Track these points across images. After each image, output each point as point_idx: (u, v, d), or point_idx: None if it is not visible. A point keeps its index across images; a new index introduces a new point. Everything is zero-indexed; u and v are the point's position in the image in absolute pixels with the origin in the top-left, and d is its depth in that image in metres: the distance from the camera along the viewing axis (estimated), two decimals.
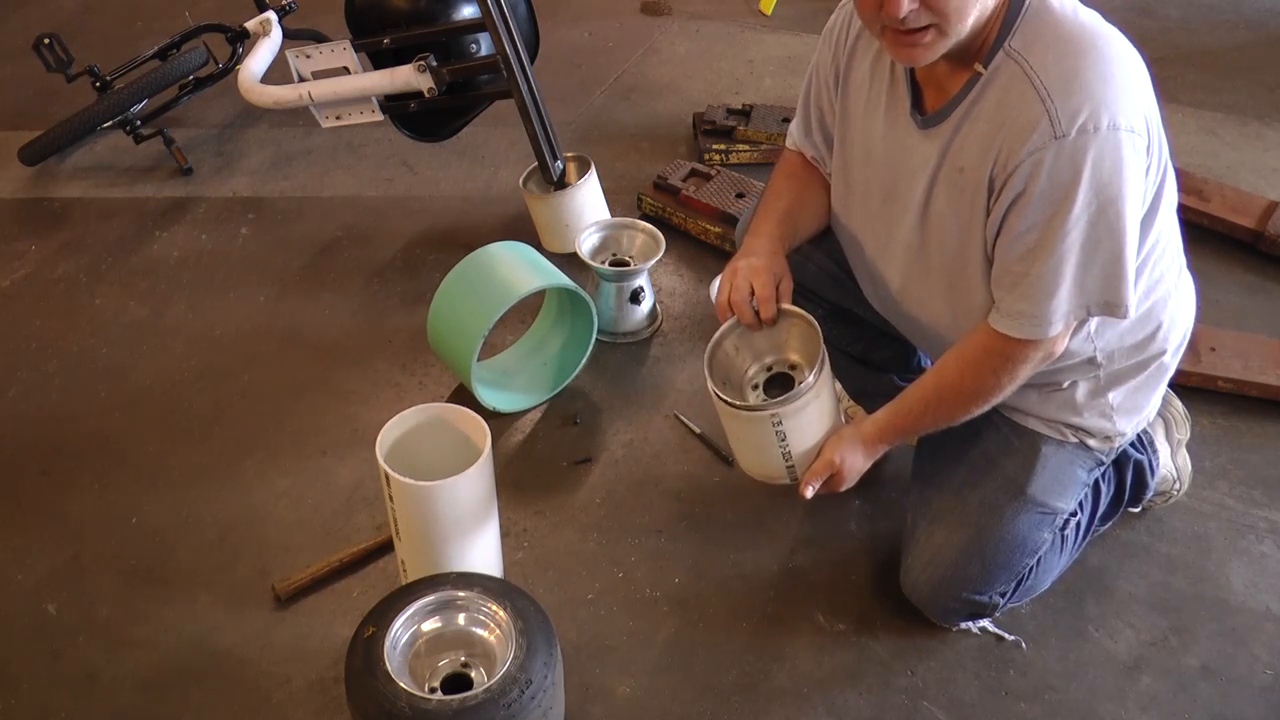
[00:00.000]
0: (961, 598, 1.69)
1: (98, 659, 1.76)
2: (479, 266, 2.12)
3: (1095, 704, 1.68)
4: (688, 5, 3.74)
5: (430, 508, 1.66)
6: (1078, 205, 1.36)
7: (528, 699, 1.42)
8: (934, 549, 1.69)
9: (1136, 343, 1.60)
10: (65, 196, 2.87)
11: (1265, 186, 2.79)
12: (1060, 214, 1.37)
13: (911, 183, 1.54)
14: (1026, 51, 1.38)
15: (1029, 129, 1.36)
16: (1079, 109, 1.33)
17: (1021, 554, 1.66)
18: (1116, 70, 1.36)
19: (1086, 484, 1.71)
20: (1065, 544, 1.74)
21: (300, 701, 1.69)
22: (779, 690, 1.70)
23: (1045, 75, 1.36)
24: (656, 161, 2.86)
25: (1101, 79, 1.34)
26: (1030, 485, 1.65)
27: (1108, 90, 1.34)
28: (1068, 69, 1.35)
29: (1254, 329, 2.32)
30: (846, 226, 1.72)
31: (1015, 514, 1.65)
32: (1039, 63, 1.37)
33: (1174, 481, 1.93)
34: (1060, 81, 1.35)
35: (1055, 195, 1.36)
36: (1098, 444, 1.67)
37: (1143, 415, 1.69)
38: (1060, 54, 1.36)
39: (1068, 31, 1.38)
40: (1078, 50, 1.36)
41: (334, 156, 3.00)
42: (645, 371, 2.30)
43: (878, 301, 1.76)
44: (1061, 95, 1.34)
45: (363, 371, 2.29)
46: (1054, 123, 1.34)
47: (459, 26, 2.53)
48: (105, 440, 2.14)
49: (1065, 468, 1.67)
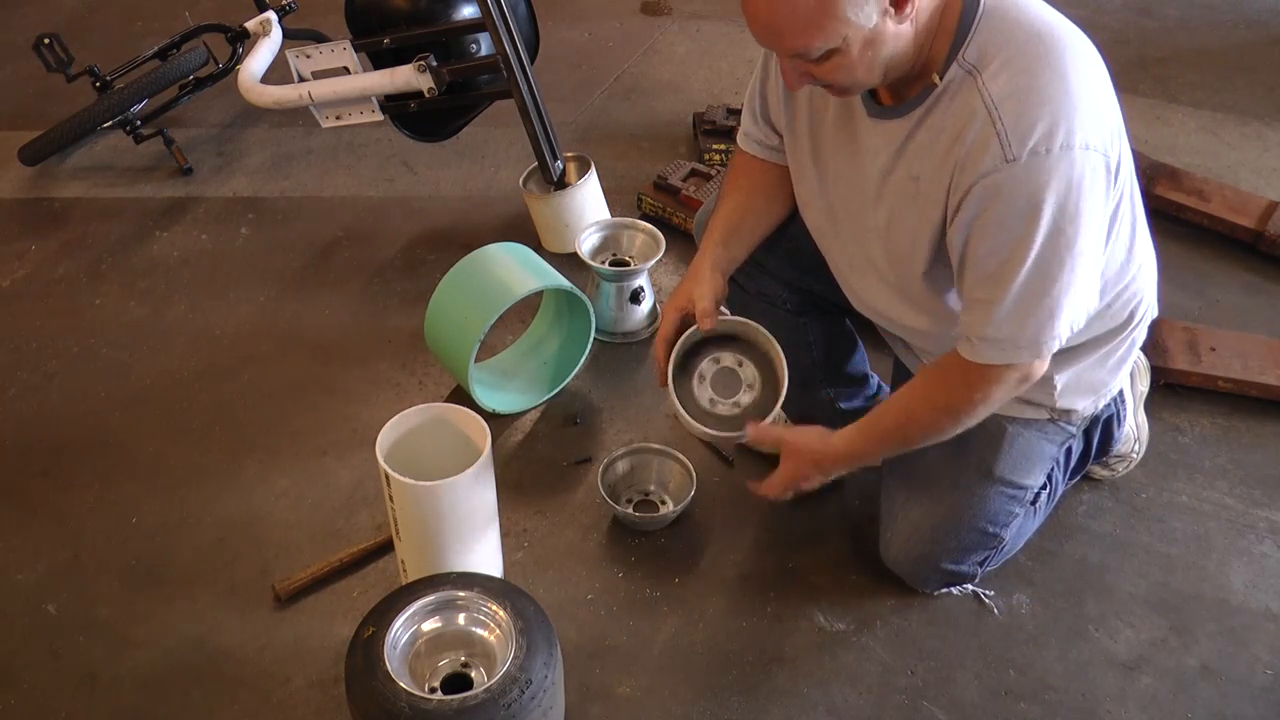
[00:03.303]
0: (940, 568, 1.76)
1: (98, 659, 1.76)
2: (475, 268, 2.12)
3: (1095, 704, 1.68)
4: (688, 5, 3.74)
5: (430, 508, 1.66)
6: (1037, 231, 1.32)
7: (528, 699, 1.42)
8: (910, 526, 1.74)
9: (1102, 332, 1.60)
10: (65, 196, 2.87)
11: (1265, 186, 2.79)
12: (1020, 240, 1.34)
13: (856, 172, 1.52)
14: (981, 63, 1.34)
15: (981, 151, 1.33)
16: (1030, 130, 1.30)
17: (994, 529, 1.72)
18: (1074, 82, 1.31)
19: (1055, 458, 1.72)
20: (1038, 510, 1.79)
21: (300, 701, 1.69)
22: (779, 690, 1.70)
23: (997, 92, 1.32)
24: (656, 161, 2.85)
25: (1057, 95, 1.30)
26: (998, 466, 1.67)
27: (1062, 107, 1.30)
28: (1021, 87, 1.31)
29: (1254, 329, 2.32)
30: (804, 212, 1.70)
31: (985, 493, 1.68)
32: (992, 77, 1.33)
33: (1134, 441, 1.94)
34: (1012, 100, 1.31)
35: (1013, 221, 1.33)
36: (1065, 421, 1.68)
37: (1109, 390, 1.68)
38: (1016, 69, 1.32)
39: (1025, 40, 1.33)
40: (1034, 62, 1.32)
41: (334, 156, 3.00)
42: (645, 371, 2.30)
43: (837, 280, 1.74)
44: (1012, 116, 1.30)
45: (363, 371, 2.29)
46: (1004, 146, 1.30)
47: (459, 26, 2.53)
48: (105, 440, 2.14)
49: (1033, 445, 1.68)
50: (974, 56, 1.35)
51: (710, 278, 1.68)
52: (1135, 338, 1.65)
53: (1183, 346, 2.20)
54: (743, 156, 1.76)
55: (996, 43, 1.34)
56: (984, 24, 1.34)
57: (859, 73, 1.35)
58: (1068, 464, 1.78)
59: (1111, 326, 1.60)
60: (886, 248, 1.55)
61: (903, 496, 1.76)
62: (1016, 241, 1.34)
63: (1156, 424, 2.05)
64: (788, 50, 1.34)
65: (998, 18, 1.35)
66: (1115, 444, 1.83)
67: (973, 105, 1.34)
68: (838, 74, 1.35)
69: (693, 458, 2.00)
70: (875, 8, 1.28)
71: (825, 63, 1.33)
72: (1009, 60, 1.32)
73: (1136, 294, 1.59)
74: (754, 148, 1.73)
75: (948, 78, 1.36)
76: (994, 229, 1.35)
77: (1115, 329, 1.61)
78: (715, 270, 1.68)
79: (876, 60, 1.33)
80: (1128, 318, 1.61)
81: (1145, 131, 2.98)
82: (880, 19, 1.29)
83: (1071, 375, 1.62)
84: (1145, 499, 1.99)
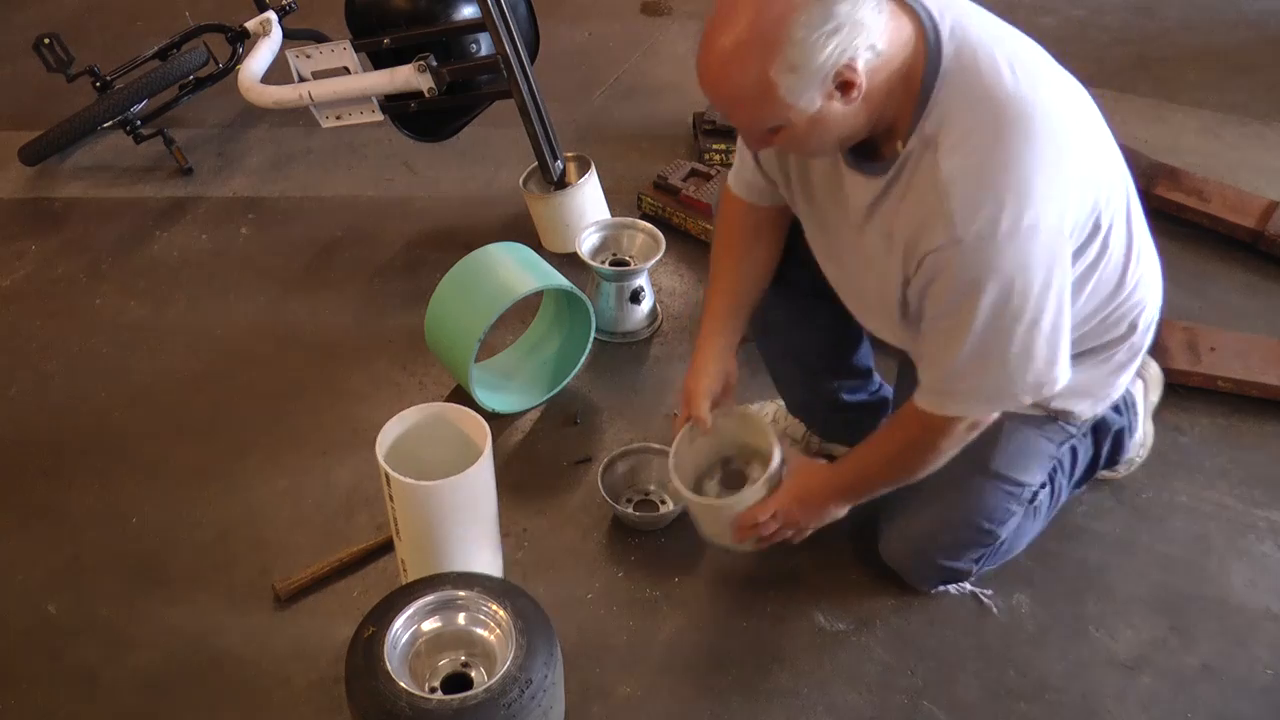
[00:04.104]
0: (936, 565, 1.76)
1: (98, 659, 1.76)
2: (475, 268, 2.12)
3: (1095, 704, 1.68)
4: (688, 5, 3.74)
5: (430, 508, 1.66)
6: (983, 306, 1.33)
7: (528, 699, 1.42)
8: (906, 520, 1.75)
9: (1098, 344, 1.60)
10: (65, 196, 2.87)
11: (1265, 186, 2.78)
12: (968, 312, 1.34)
13: (843, 217, 1.52)
14: (941, 135, 1.32)
15: (931, 225, 1.33)
16: (975, 213, 1.29)
17: (990, 525, 1.71)
18: (1028, 162, 1.29)
19: (1055, 457, 1.72)
20: (1039, 512, 1.78)
21: (300, 701, 1.69)
22: (779, 690, 1.70)
23: (948, 171, 1.31)
24: (656, 161, 2.85)
25: (1007, 177, 1.29)
26: (994, 460, 1.67)
27: (1011, 189, 1.28)
28: (971, 166, 1.30)
29: (1254, 329, 2.32)
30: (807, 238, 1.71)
31: (981, 488, 1.68)
32: (946, 154, 1.31)
33: (1139, 446, 1.95)
34: (961, 180, 1.30)
35: (961, 294, 1.34)
36: (1064, 421, 1.68)
37: (1110, 394, 1.68)
38: (969, 146, 1.30)
39: (983, 113, 1.31)
40: (988, 139, 1.30)
41: (334, 156, 3.00)
42: (645, 371, 2.30)
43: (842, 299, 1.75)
44: (960, 197, 1.30)
45: (363, 371, 2.29)
46: (950, 225, 1.30)
47: (459, 26, 2.53)
48: (105, 440, 2.14)
49: (1031, 442, 1.68)
50: (932, 128, 1.33)
51: (714, 372, 1.71)
52: (1137, 345, 1.64)
53: (1183, 346, 2.20)
54: (731, 204, 1.74)
55: (954, 115, 1.32)
56: (943, 94, 1.32)
57: (808, 147, 1.38)
58: (1073, 469, 1.78)
59: (1108, 339, 1.60)
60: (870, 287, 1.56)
61: (901, 491, 1.75)
62: (964, 315, 1.35)
63: (1157, 424, 2.05)
64: (736, 124, 1.37)
65: (957, 87, 1.32)
66: (1124, 454, 1.84)
67: (928, 177, 1.33)
68: (790, 145, 1.38)
69: None
70: (819, 92, 1.27)
71: (775, 135, 1.35)
72: (964, 136, 1.31)
73: (1135, 306, 1.59)
74: (743, 190, 1.72)
75: (909, 148, 1.36)
76: (944, 299, 1.36)
77: (1113, 340, 1.61)
78: (719, 361, 1.71)
79: (826, 137, 1.34)
80: (1128, 328, 1.60)
81: (1145, 131, 2.98)
82: (824, 101, 1.28)
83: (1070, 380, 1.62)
84: (1145, 499, 1.99)
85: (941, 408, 1.46)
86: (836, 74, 1.25)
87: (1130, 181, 1.54)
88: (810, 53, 1.23)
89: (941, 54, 1.32)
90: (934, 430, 1.49)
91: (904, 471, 1.59)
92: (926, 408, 1.47)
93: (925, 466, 1.56)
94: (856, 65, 1.25)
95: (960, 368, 1.40)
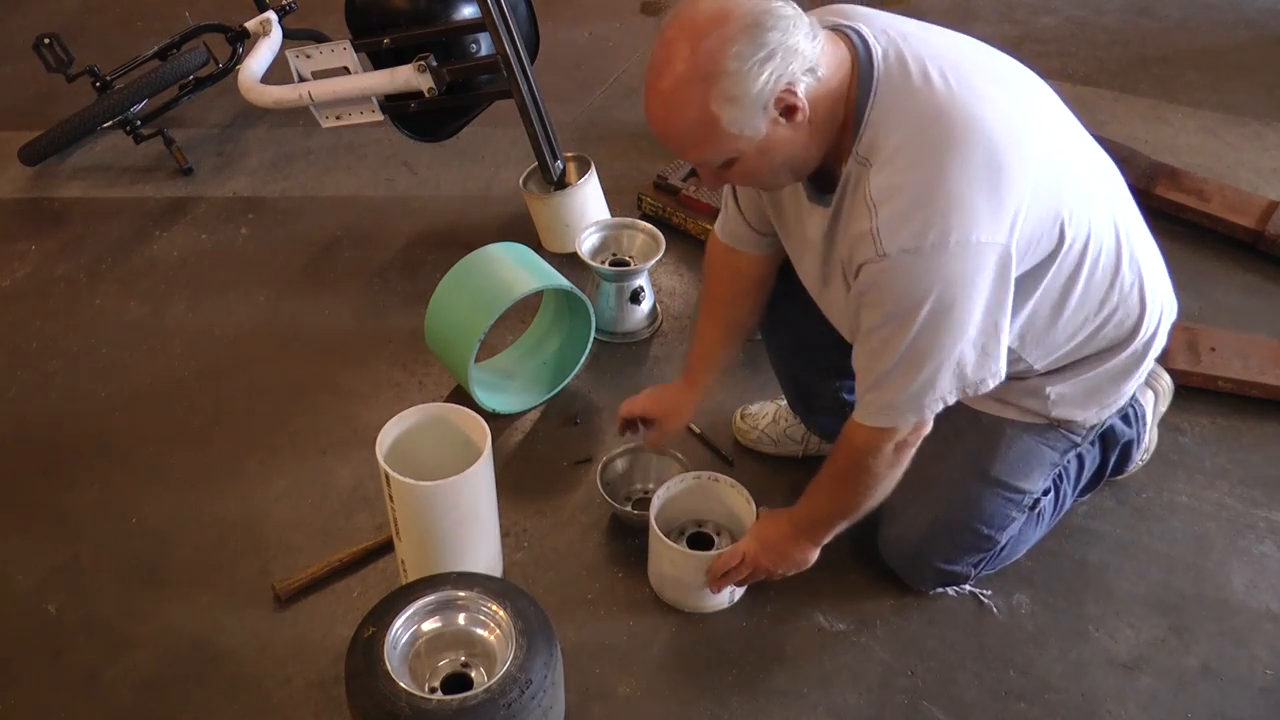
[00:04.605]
0: (933, 568, 1.77)
1: (98, 659, 1.76)
2: (475, 268, 2.12)
3: (1095, 704, 1.68)
4: None
5: (430, 508, 1.66)
6: (911, 319, 1.35)
7: (528, 699, 1.42)
8: (905, 522, 1.76)
9: (1094, 351, 1.60)
10: (65, 196, 2.87)
11: (1265, 186, 2.79)
12: (898, 325, 1.37)
13: (809, 251, 1.55)
14: (871, 156, 1.35)
15: (861, 241, 1.36)
16: (899, 230, 1.31)
17: (989, 531, 1.72)
18: (958, 177, 1.30)
19: (1058, 464, 1.72)
20: (1042, 518, 1.79)
21: (300, 701, 1.69)
22: (779, 690, 1.70)
23: (876, 189, 1.33)
24: (656, 161, 2.85)
25: (933, 193, 1.30)
26: (994, 467, 1.67)
27: (936, 205, 1.30)
28: (896, 185, 1.32)
29: (1254, 329, 2.32)
30: None
31: (980, 494, 1.69)
32: (877, 172, 1.34)
33: (1144, 450, 1.95)
34: (887, 198, 1.32)
35: (889, 308, 1.36)
36: (1066, 429, 1.68)
37: (1114, 401, 1.67)
38: (896, 165, 1.33)
39: (912, 131, 1.33)
40: (915, 156, 1.32)
41: (334, 156, 3.00)
42: (645, 371, 2.30)
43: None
44: (885, 214, 1.32)
45: (363, 371, 2.29)
46: (875, 241, 1.33)
47: (459, 26, 2.53)
48: (105, 440, 2.15)
49: (1031, 449, 1.68)
50: (865, 150, 1.36)
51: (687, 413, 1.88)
52: (1139, 351, 1.63)
53: (1183, 346, 2.20)
54: (718, 253, 1.78)
55: (884, 134, 1.34)
56: (874, 114, 1.34)
57: (762, 177, 1.40)
58: (1079, 476, 1.78)
59: (1104, 346, 1.60)
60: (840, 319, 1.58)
61: (901, 492, 1.75)
62: (893, 326, 1.37)
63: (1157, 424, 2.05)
64: (689, 160, 1.40)
65: (888, 106, 1.34)
66: (1131, 465, 1.85)
67: (861, 193, 1.36)
68: (744, 179, 1.41)
69: (690, 457, 2.00)
70: (763, 119, 1.29)
71: (728, 170, 1.37)
72: (894, 153, 1.33)
73: (1132, 312, 1.58)
74: (729, 239, 1.75)
75: (846, 169, 1.39)
76: (874, 310, 1.39)
77: (1110, 348, 1.61)
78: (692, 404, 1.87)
79: (776, 164, 1.36)
80: (1126, 335, 1.60)
81: (1145, 131, 2.98)
82: (770, 127, 1.31)
83: (1067, 388, 1.62)
84: (1145, 499, 1.99)
85: (871, 418, 1.48)
86: (777, 100, 1.28)
87: (1121, 186, 1.53)
88: (746, 82, 1.26)
89: (874, 75, 1.34)
90: (863, 449, 1.51)
91: (847, 501, 1.60)
92: (859, 419, 1.50)
93: (865, 493, 1.57)
94: (796, 89, 1.28)
95: (889, 377, 1.42)
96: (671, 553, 1.75)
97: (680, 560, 1.75)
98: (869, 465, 1.53)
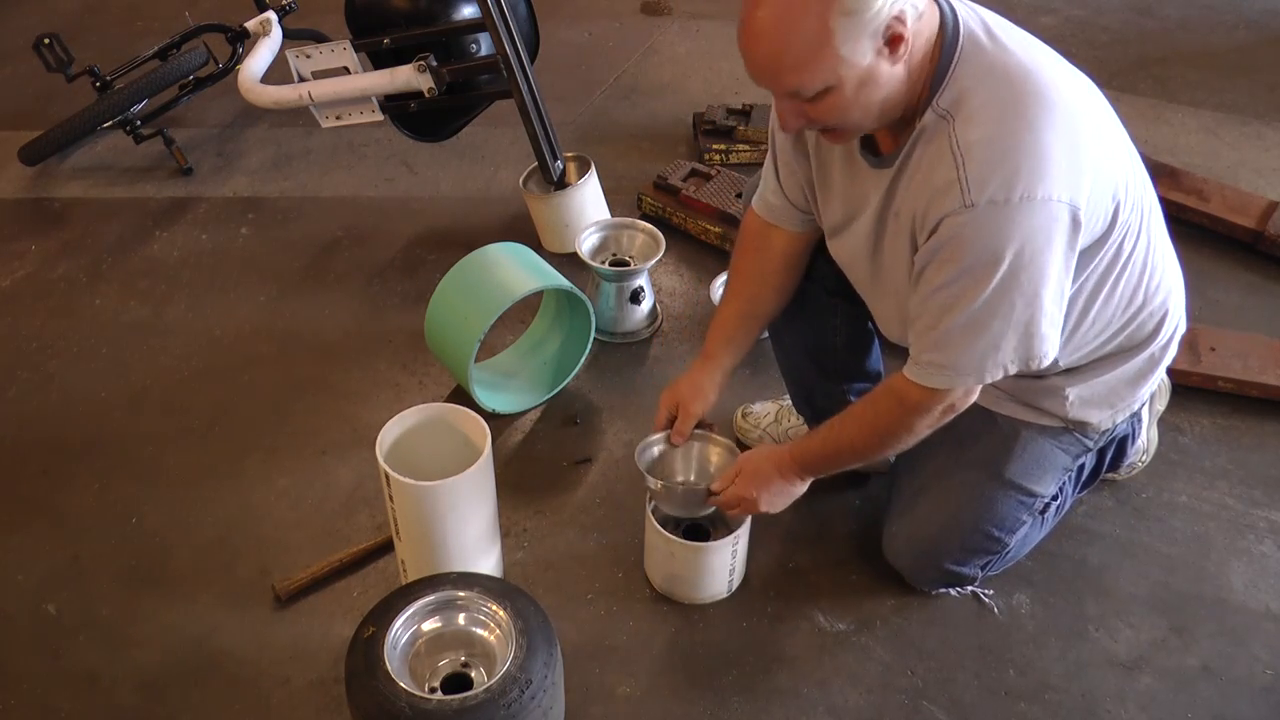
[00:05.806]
0: (941, 568, 1.76)
1: (98, 659, 1.75)
2: (475, 268, 2.12)
3: (1095, 704, 1.68)
4: (688, 5, 3.74)
5: (430, 508, 1.66)
6: (989, 274, 1.34)
7: (528, 699, 1.42)
8: (915, 522, 1.75)
9: (1117, 350, 1.60)
10: (65, 196, 2.87)
11: (1265, 186, 2.79)
12: (973, 280, 1.36)
13: (861, 216, 1.54)
14: (955, 108, 1.35)
15: (943, 193, 1.34)
16: (989, 179, 1.31)
17: (999, 533, 1.71)
18: (1043, 133, 1.31)
19: (1069, 469, 1.72)
20: (1045, 520, 1.79)
21: (300, 701, 1.69)
22: (779, 690, 1.70)
23: (964, 139, 1.33)
24: (656, 161, 2.86)
25: (1022, 146, 1.31)
26: (1008, 469, 1.67)
27: (1025, 158, 1.30)
28: (987, 135, 1.32)
29: (1254, 329, 2.32)
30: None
31: (993, 496, 1.68)
32: (963, 123, 1.34)
33: (1142, 452, 1.95)
34: (977, 148, 1.32)
35: (967, 262, 1.35)
36: (1080, 433, 1.68)
37: (1128, 404, 1.67)
38: (986, 117, 1.33)
39: (999, 85, 1.34)
40: (1005, 110, 1.33)
41: (334, 156, 3.00)
42: (645, 371, 2.30)
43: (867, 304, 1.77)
44: (975, 164, 1.32)
45: (363, 371, 2.29)
46: (964, 191, 1.32)
47: (459, 26, 2.53)
48: (105, 440, 2.14)
49: (1046, 453, 1.68)
50: (948, 102, 1.35)
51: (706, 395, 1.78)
52: (1157, 354, 1.64)
53: (1183, 346, 2.19)
54: (753, 224, 1.77)
55: (971, 88, 1.34)
56: (960, 69, 1.35)
57: (854, 113, 1.36)
58: (1079, 478, 1.78)
59: (1128, 346, 1.61)
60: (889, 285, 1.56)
61: (911, 490, 1.76)
62: (968, 281, 1.36)
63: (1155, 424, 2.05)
64: (783, 88, 1.35)
65: (975, 61, 1.35)
66: (1126, 460, 1.84)
67: (942, 146, 1.35)
68: (833, 114, 1.36)
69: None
70: (870, 47, 1.28)
71: (820, 102, 1.34)
72: (981, 107, 1.33)
73: (1155, 314, 1.59)
74: (765, 211, 1.74)
75: (923, 122, 1.38)
76: (951, 266, 1.37)
77: (1133, 348, 1.61)
78: (713, 385, 1.78)
79: (871, 101, 1.34)
80: (1147, 336, 1.61)
81: (1145, 131, 2.98)
82: (874, 58, 1.30)
83: (1086, 389, 1.62)
84: (1145, 499, 1.99)
85: (929, 379, 1.46)
86: (887, 26, 1.27)
87: (1152, 189, 1.54)
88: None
89: (959, 31, 1.35)
90: (911, 407, 1.50)
91: (869, 448, 1.59)
92: (912, 378, 1.48)
93: (893, 445, 1.56)
94: (905, 19, 1.27)
95: (952, 336, 1.40)
96: (670, 545, 1.75)
97: (679, 552, 1.75)
98: (912, 424, 1.51)
